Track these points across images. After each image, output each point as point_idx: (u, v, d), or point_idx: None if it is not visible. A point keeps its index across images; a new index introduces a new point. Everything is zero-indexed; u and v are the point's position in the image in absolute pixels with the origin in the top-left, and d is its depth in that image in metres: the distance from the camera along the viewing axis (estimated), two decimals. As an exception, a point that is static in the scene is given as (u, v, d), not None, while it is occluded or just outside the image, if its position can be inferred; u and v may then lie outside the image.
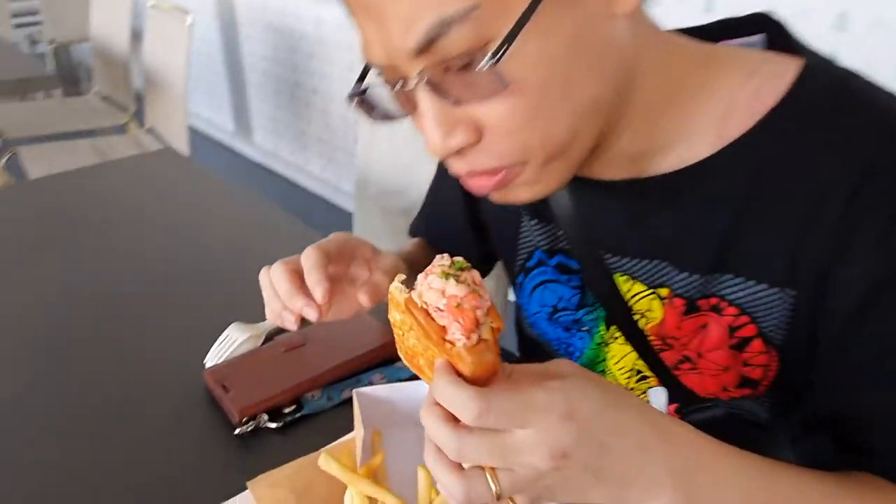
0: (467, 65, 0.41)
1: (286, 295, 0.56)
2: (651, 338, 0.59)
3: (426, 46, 0.41)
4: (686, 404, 0.62)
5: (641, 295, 0.58)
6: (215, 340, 0.76)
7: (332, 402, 0.69)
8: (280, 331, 0.78)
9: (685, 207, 0.53)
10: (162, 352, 0.78)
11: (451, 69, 0.42)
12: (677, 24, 0.55)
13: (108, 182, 1.26)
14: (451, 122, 0.44)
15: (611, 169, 0.55)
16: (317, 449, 0.62)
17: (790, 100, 0.49)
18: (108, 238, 1.04)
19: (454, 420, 0.39)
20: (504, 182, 0.47)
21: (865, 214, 0.46)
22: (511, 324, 0.70)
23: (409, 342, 0.44)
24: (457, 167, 0.47)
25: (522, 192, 0.49)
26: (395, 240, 1.42)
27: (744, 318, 0.54)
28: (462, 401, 0.38)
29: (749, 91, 0.50)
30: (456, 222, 0.76)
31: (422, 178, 1.32)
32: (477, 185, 0.48)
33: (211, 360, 0.74)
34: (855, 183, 0.46)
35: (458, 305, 0.40)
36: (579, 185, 0.57)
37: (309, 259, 0.57)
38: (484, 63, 0.40)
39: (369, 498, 0.49)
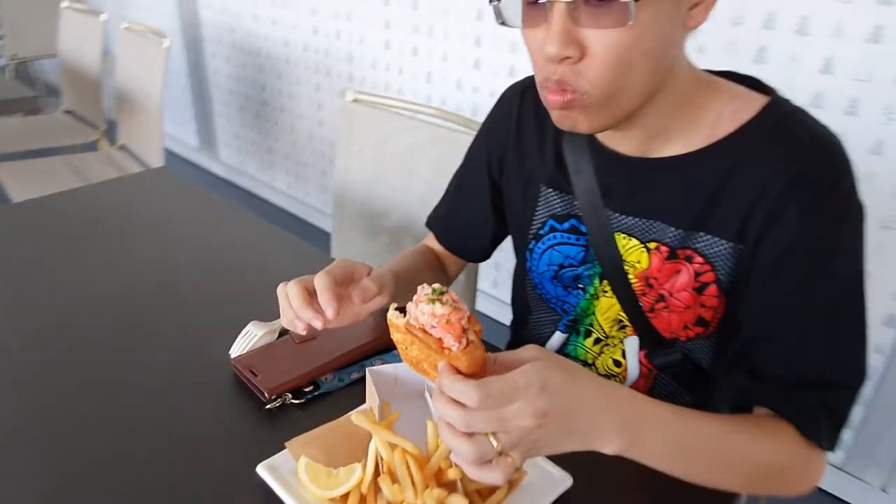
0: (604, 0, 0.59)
1: (299, 308, 0.71)
2: (635, 282, 0.78)
3: None
4: (653, 349, 0.81)
5: (634, 248, 0.78)
6: (233, 337, 0.88)
7: (342, 382, 0.83)
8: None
9: (681, 181, 0.74)
10: (190, 349, 0.90)
11: (589, 2, 0.60)
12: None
13: (114, 198, 1.36)
14: (569, 38, 0.61)
15: (627, 145, 0.76)
16: (331, 419, 0.76)
17: (758, 118, 0.70)
18: (125, 250, 1.15)
19: (460, 402, 0.53)
20: (572, 103, 0.65)
21: (790, 200, 0.66)
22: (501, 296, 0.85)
23: (412, 353, 0.59)
24: (552, 72, 0.64)
25: (581, 120, 0.67)
26: (376, 258, 1.57)
27: (706, 267, 0.74)
28: (466, 393, 0.52)
29: (732, 108, 0.72)
30: (479, 207, 0.95)
31: (409, 199, 1.47)
32: (553, 98, 0.66)
33: (235, 351, 0.86)
34: (789, 178, 0.66)
35: (448, 322, 0.55)
36: (604, 155, 0.77)
37: (321, 283, 0.72)
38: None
39: (390, 444, 0.63)
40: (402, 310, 0.59)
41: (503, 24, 0.67)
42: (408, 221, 1.50)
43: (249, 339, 0.87)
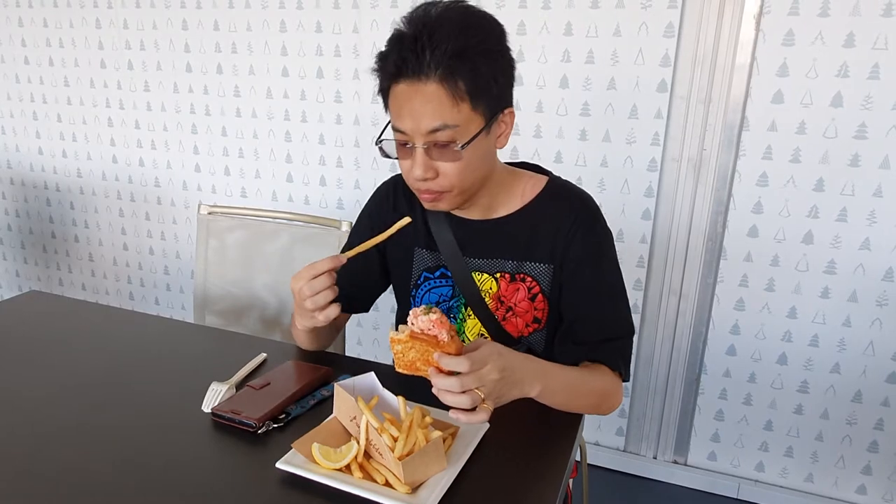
0: (445, 145, 0.98)
1: (323, 281, 1.04)
2: (491, 302, 1.16)
3: (433, 132, 0.97)
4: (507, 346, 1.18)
5: (486, 280, 1.17)
6: (194, 401, 1.09)
7: (304, 409, 1.08)
8: (243, 383, 1.14)
9: (511, 231, 1.15)
10: (166, 413, 1.08)
11: (437, 144, 0.99)
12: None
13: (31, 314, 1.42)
14: (427, 166, 1.00)
15: (473, 213, 1.16)
16: (306, 432, 1.01)
17: (546, 189, 1.16)
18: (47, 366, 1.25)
19: (452, 374, 0.86)
20: (439, 198, 1.05)
21: (576, 231, 1.12)
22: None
23: (408, 357, 0.89)
24: (421, 185, 1.03)
25: (443, 205, 1.07)
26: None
27: (534, 283, 1.15)
28: (460, 363, 0.86)
29: (530, 185, 1.17)
30: (369, 271, 1.28)
31: (261, 281, 1.73)
32: (427, 197, 1.06)
33: (207, 405, 1.07)
34: (572, 219, 1.12)
35: (440, 322, 0.88)
36: (458, 222, 1.16)
37: (327, 260, 1.04)
38: (458, 146, 0.98)
39: (380, 422, 0.92)
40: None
41: (386, 156, 1.05)
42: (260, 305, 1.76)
43: (216, 394, 1.08)
